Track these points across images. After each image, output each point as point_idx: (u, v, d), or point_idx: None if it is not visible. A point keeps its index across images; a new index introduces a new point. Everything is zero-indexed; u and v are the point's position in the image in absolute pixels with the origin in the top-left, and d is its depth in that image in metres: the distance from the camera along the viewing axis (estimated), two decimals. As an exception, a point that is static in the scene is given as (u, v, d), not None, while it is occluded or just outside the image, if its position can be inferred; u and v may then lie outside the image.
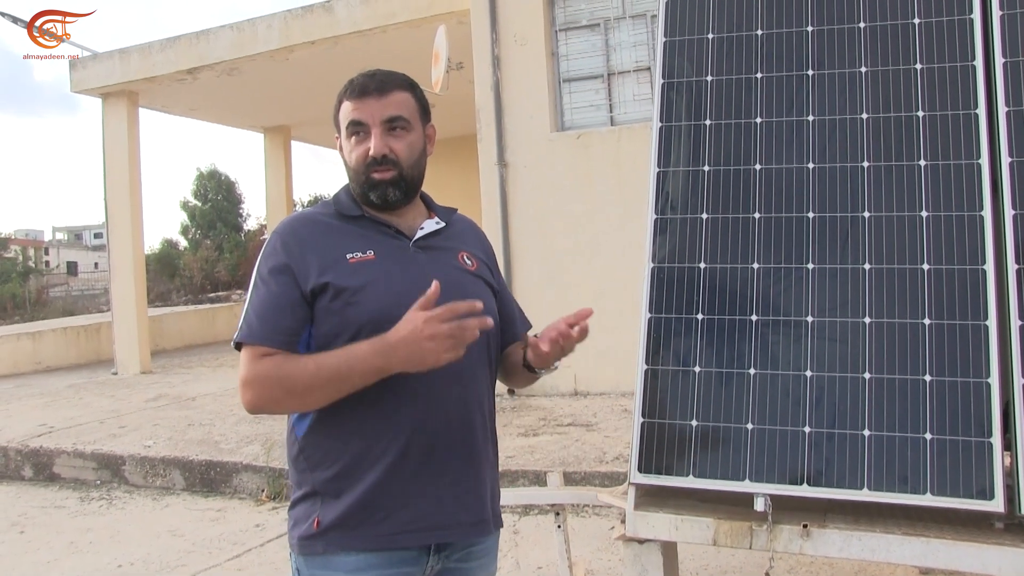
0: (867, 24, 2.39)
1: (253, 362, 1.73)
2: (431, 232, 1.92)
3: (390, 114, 1.83)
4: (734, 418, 2.20)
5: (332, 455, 1.77)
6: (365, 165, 1.82)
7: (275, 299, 1.76)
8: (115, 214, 12.30)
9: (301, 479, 1.82)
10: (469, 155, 9.92)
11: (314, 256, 1.78)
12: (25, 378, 12.50)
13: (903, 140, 2.28)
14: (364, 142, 1.83)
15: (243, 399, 1.75)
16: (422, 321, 1.61)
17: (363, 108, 1.82)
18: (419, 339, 1.61)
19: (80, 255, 61.23)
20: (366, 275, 1.77)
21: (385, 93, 1.83)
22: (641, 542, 2.25)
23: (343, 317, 1.74)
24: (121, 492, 6.41)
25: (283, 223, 1.89)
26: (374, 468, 1.74)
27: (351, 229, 1.85)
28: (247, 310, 1.79)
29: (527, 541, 4.79)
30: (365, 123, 1.82)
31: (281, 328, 1.74)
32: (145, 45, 11.73)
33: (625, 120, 8.33)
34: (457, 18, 9.34)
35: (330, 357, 1.69)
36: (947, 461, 2.02)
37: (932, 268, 2.17)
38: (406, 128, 1.85)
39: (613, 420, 6.89)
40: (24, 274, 35.48)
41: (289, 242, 1.81)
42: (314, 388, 1.69)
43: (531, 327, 2.15)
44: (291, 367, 1.70)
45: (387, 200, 1.84)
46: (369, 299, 1.75)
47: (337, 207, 1.90)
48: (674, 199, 2.43)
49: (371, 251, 1.81)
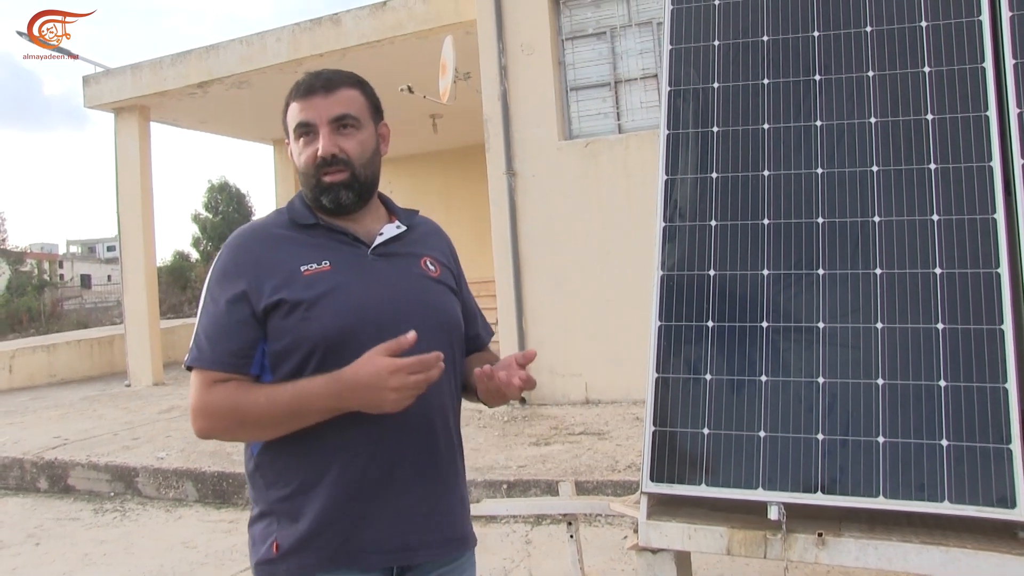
0: (874, 28, 2.38)
1: (204, 389, 1.66)
2: (391, 238, 1.82)
3: (338, 112, 1.74)
4: (746, 426, 2.18)
5: (287, 474, 1.69)
6: (315, 167, 1.73)
7: (225, 320, 1.68)
8: (128, 227, 12.38)
9: (257, 497, 1.75)
10: (477, 165, 9.93)
11: (267, 272, 1.69)
12: (40, 390, 12.56)
13: (912, 144, 2.27)
14: (313, 143, 1.74)
15: (194, 427, 1.68)
16: (388, 372, 1.53)
17: (310, 108, 1.74)
18: (382, 389, 1.54)
19: (93, 268, 61.59)
20: (321, 288, 1.68)
21: (332, 91, 1.75)
22: (654, 552, 2.23)
23: (297, 333, 1.66)
24: (135, 504, 6.42)
25: (233, 237, 1.79)
26: (331, 488, 1.66)
27: (305, 239, 1.76)
28: (197, 331, 1.71)
29: (539, 551, 4.77)
30: (312, 123, 1.73)
31: (231, 351, 1.66)
32: (156, 60, 11.82)
33: (633, 127, 8.33)
34: (464, 28, 9.37)
35: (283, 393, 1.61)
36: (965, 468, 1.99)
37: (945, 272, 2.15)
38: (356, 126, 1.76)
39: (625, 428, 6.86)
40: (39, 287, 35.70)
41: (240, 258, 1.73)
42: (265, 423, 1.63)
43: (493, 334, 2.08)
44: (243, 399, 1.63)
45: (340, 203, 1.75)
46: (325, 314, 1.66)
47: (291, 215, 1.80)
48: (683, 206, 2.42)
49: (326, 261, 1.72)
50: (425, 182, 17.09)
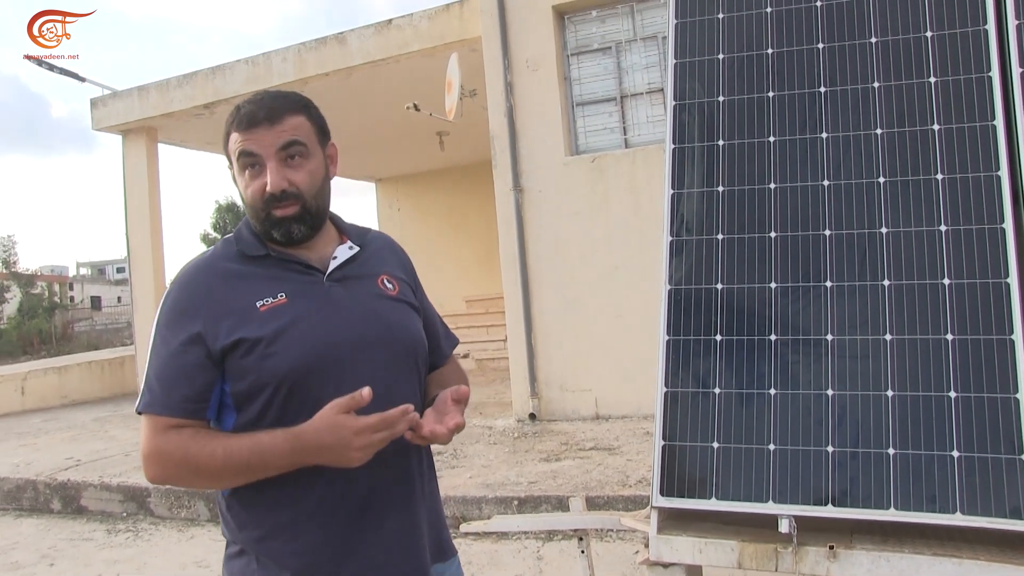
0: (879, 39, 2.38)
1: (156, 435, 1.60)
2: (346, 260, 1.76)
3: (284, 142, 1.64)
4: (756, 439, 2.18)
5: (259, 514, 1.64)
6: (264, 201, 1.65)
7: (178, 363, 1.61)
8: (137, 248, 12.46)
9: (232, 535, 1.70)
10: (485, 181, 9.96)
11: (221, 310, 1.62)
12: (52, 412, 12.61)
13: (919, 154, 2.26)
14: (260, 176, 1.65)
15: (145, 473, 1.63)
16: (353, 433, 1.49)
17: (254, 139, 1.64)
18: (347, 448, 1.50)
19: (103, 289, 61.84)
20: (279, 322, 1.62)
21: (276, 120, 1.65)
22: (665, 566, 2.22)
23: (259, 372, 1.59)
24: (147, 524, 6.42)
25: (182, 273, 1.71)
26: (308, 528, 1.62)
27: (256, 271, 1.68)
28: (148, 374, 1.64)
29: (551, 567, 4.75)
30: (258, 154, 1.64)
31: (186, 397, 1.60)
32: (163, 82, 11.91)
33: (639, 142, 8.35)
34: (469, 46, 9.42)
35: (240, 448, 1.56)
36: (976, 479, 1.98)
37: (953, 283, 2.14)
38: (304, 155, 1.67)
39: (635, 443, 6.84)
40: (50, 309, 35.87)
41: (191, 296, 1.65)
42: (221, 475, 1.59)
43: (457, 343, 2.04)
44: (198, 450, 1.57)
45: (292, 238, 1.68)
46: (286, 349, 1.60)
47: (240, 246, 1.72)
48: (689, 220, 2.42)
49: (282, 294, 1.65)
50: (432, 200, 17.15)
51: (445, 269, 15.89)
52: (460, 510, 5.53)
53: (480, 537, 5.23)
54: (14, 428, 10.95)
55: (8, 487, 7.35)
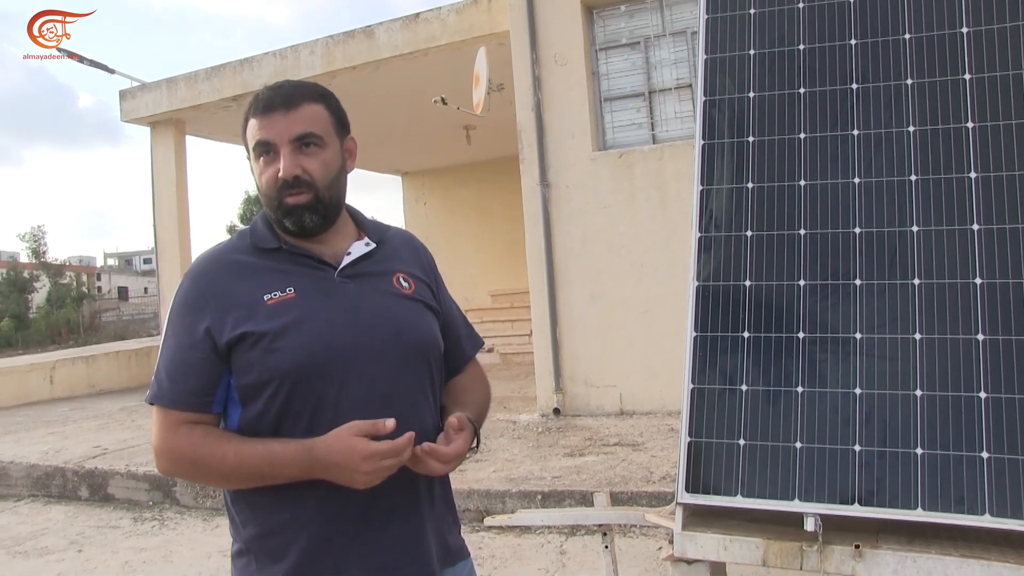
0: (912, 35, 2.36)
1: (167, 431, 1.61)
2: (360, 256, 1.73)
3: (300, 131, 1.64)
4: (782, 437, 2.17)
5: (261, 513, 1.64)
6: (276, 189, 1.64)
7: (185, 357, 1.62)
8: (164, 240, 12.58)
9: (235, 532, 1.70)
10: (511, 176, 9.96)
11: (229, 303, 1.62)
12: (80, 400, 12.77)
13: (952, 152, 2.24)
14: (273, 163, 1.64)
15: (157, 465, 1.65)
16: (362, 458, 1.49)
17: (269, 126, 1.64)
18: (354, 471, 1.50)
19: (130, 280, 62.54)
20: (286, 318, 1.60)
21: (293, 107, 1.65)
22: (689, 563, 2.22)
23: (264, 367, 1.59)
24: (173, 513, 6.50)
25: (194, 266, 1.72)
26: (304, 529, 1.61)
27: (268, 265, 1.67)
28: (158, 365, 1.66)
29: (574, 562, 4.76)
30: (273, 142, 1.64)
31: (192, 390, 1.61)
32: (191, 74, 12.01)
33: (667, 138, 8.31)
34: (497, 40, 9.42)
35: (252, 455, 1.56)
36: (1007, 481, 1.96)
37: (985, 282, 2.12)
38: (319, 144, 1.66)
39: (659, 440, 6.82)
40: (78, 299, 36.30)
41: (201, 289, 1.65)
42: (231, 479, 1.60)
43: (482, 344, 2.01)
44: (208, 452, 1.58)
45: (304, 227, 1.66)
46: (291, 345, 1.59)
47: (253, 239, 1.71)
48: (718, 217, 2.41)
49: (291, 288, 1.64)
50: (459, 194, 17.17)
51: (471, 263, 15.92)
52: (484, 504, 5.55)
53: (503, 531, 5.24)
54: (43, 416, 11.10)
55: (37, 474, 7.46)
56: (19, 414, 11.55)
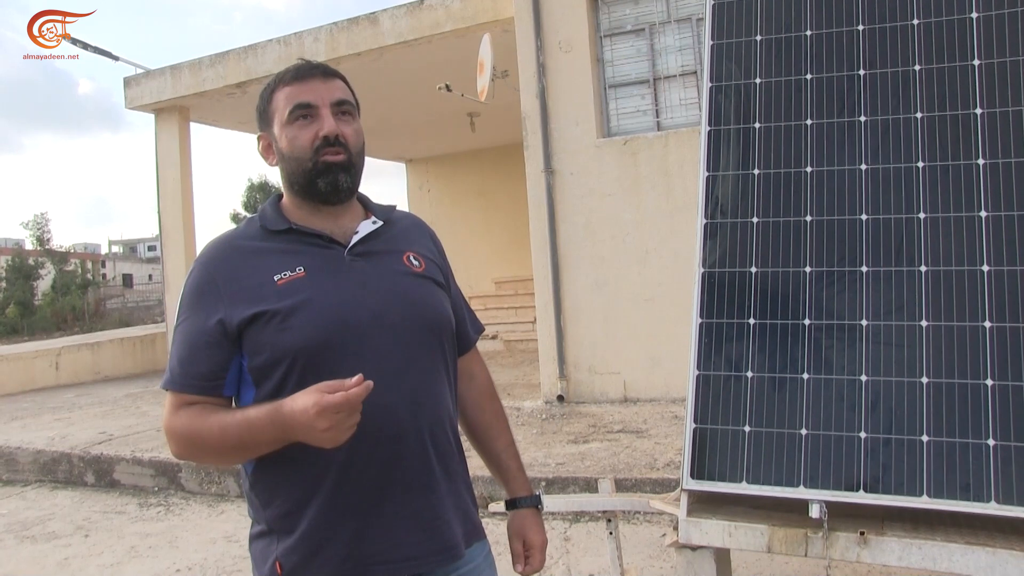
0: (921, 21, 2.34)
1: (172, 412, 1.63)
2: (369, 234, 1.73)
3: (339, 96, 1.69)
4: (787, 423, 2.17)
5: (281, 491, 1.64)
6: (313, 149, 1.65)
7: (195, 341, 1.63)
8: (168, 227, 12.58)
9: (256, 515, 1.71)
10: (516, 163, 9.94)
11: (240, 287, 1.63)
12: (85, 387, 12.81)
13: (960, 139, 2.23)
14: (311, 125, 1.66)
15: (169, 448, 1.67)
16: (315, 414, 1.43)
17: (310, 90, 1.67)
18: (313, 428, 1.46)
19: (135, 267, 62.58)
20: (297, 297, 1.60)
21: (329, 76, 1.71)
22: (694, 549, 2.22)
23: (276, 346, 1.59)
24: (178, 498, 6.52)
25: (205, 252, 1.72)
26: (326, 503, 1.60)
27: (277, 246, 1.68)
28: (171, 351, 1.68)
29: (578, 548, 4.77)
30: (314, 104, 1.66)
31: (201, 374, 1.62)
32: (195, 61, 11.98)
33: (672, 125, 8.28)
34: (502, 27, 9.38)
35: (232, 424, 1.56)
36: (1013, 469, 1.96)
37: (993, 270, 2.11)
38: (352, 114, 1.72)
39: (664, 426, 6.83)
40: (83, 286, 36.35)
41: (212, 274, 1.66)
42: (224, 451, 1.60)
43: (482, 329, 2.03)
44: (200, 426, 1.59)
45: (338, 186, 1.67)
46: (302, 323, 1.59)
47: (262, 222, 1.72)
48: (724, 203, 2.40)
49: (301, 267, 1.64)
50: (463, 181, 17.14)
51: (475, 250, 15.90)
52: (488, 490, 5.56)
53: (507, 517, 5.25)
54: (49, 402, 11.13)
55: (44, 459, 7.49)
56: (25, 400, 11.59)
